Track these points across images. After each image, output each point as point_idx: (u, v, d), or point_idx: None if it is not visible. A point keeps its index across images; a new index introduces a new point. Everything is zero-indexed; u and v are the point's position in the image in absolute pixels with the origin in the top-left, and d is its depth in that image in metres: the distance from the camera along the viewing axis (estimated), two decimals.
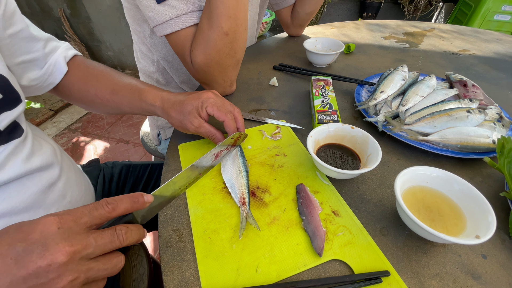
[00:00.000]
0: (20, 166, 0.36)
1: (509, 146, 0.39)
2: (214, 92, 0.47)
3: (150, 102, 0.46)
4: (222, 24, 0.49)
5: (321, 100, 0.54)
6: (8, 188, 0.35)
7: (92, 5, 2.15)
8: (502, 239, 0.36)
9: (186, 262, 0.33)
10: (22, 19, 0.41)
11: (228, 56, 0.53)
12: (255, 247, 0.34)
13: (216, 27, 0.49)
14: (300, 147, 0.49)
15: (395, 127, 0.50)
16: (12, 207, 0.35)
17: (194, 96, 0.45)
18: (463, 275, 0.33)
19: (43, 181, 0.40)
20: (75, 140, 1.84)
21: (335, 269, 0.33)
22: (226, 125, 0.44)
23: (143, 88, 0.47)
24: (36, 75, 0.45)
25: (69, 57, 0.49)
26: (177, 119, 0.45)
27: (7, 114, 0.35)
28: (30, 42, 0.43)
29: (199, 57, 0.52)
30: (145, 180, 0.66)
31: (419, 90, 0.55)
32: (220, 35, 0.50)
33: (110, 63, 2.56)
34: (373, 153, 0.41)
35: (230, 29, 0.50)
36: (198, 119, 0.44)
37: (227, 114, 0.44)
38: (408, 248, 0.35)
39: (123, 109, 0.50)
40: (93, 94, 0.49)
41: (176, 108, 0.44)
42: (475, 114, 0.48)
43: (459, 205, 0.36)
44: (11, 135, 0.36)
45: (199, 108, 0.44)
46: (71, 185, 0.46)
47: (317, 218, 0.37)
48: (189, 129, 0.44)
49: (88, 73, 0.50)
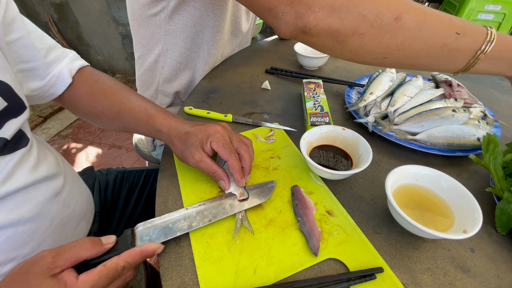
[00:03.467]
0: (27, 176, 0.36)
1: (494, 143, 0.41)
2: (223, 125, 0.44)
3: (157, 128, 0.44)
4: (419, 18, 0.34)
5: (313, 102, 0.55)
6: (15, 197, 0.35)
7: (80, 10, 2.13)
8: (489, 233, 0.38)
9: (185, 267, 0.33)
10: (23, 26, 0.40)
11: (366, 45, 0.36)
12: (253, 249, 0.35)
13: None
14: (293, 149, 0.50)
15: (384, 127, 0.52)
16: (19, 217, 0.35)
17: (201, 128, 0.42)
18: (453, 268, 0.34)
19: (48, 191, 0.39)
20: (66, 147, 1.81)
21: (331, 268, 0.34)
22: (229, 165, 0.41)
23: (152, 113, 0.45)
24: (36, 86, 0.43)
25: (75, 69, 0.47)
26: (179, 149, 0.42)
27: (13, 122, 0.35)
28: (29, 50, 0.41)
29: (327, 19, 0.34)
30: (140, 186, 0.66)
31: (406, 91, 0.57)
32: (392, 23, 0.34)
33: (100, 67, 2.53)
34: (364, 154, 0.42)
35: (414, 23, 0.34)
36: (200, 152, 0.40)
37: (232, 154, 0.40)
38: (400, 244, 0.36)
39: (128, 129, 0.49)
40: (99, 111, 0.48)
41: (180, 138, 0.42)
42: (460, 113, 0.50)
43: (447, 201, 0.37)
44: (18, 145, 0.36)
45: (203, 141, 0.41)
46: (74, 194, 0.45)
47: (312, 218, 0.38)
48: (189, 161, 0.41)
49: (96, 88, 0.48)
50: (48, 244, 0.39)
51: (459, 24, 0.34)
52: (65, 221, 0.42)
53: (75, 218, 0.45)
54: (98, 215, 0.54)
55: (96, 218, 0.54)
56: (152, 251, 0.33)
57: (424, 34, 0.34)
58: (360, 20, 0.33)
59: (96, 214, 0.54)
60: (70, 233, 0.44)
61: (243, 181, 0.41)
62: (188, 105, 0.62)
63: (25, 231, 0.36)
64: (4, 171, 0.33)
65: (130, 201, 0.64)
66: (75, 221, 0.45)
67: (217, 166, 0.41)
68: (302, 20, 0.33)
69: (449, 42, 0.35)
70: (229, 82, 0.71)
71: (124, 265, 0.30)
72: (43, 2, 2.17)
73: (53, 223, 0.40)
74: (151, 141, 0.85)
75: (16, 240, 0.35)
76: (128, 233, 0.34)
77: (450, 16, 0.35)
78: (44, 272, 0.26)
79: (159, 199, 0.42)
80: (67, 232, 0.43)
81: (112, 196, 0.62)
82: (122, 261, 0.30)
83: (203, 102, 0.63)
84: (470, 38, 0.34)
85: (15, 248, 0.35)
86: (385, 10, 0.33)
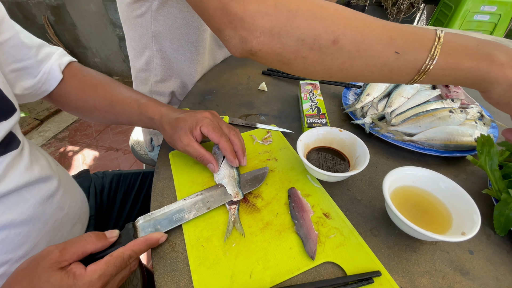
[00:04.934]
0: (19, 178, 0.36)
1: (489, 144, 0.40)
2: (212, 112, 0.46)
3: (150, 116, 0.46)
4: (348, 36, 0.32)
5: (310, 104, 0.55)
6: (7, 200, 0.35)
7: (77, 12, 2.12)
8: (488, 235, 0.38)
9: (180, 272, 0.33)
10: (12, 26, 0.40)
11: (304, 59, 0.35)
12: (249, 253, 0.34)
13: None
14: (290, 151, 0.50)
15: (381, 128, 0.51)
16: (11, 220, 0.35)
17: (190, 114, 0.44)
18: (452, 271, 0.34)
19: (41, 193, 0.40)
20: (62, 150, 1.80)
21: (328, 272, 0.33)
22: (221, 147, 0.43)
23: (143, 102, 0.47)
24: (29, 84, 0.44)
25: (64, 64, 0.48)
26: (168, 134, 0.44)
27: (3, 124, 0.35)
28: (21, 49, 0.41)
29: (266, 26, 0.32)
30: (136, 188, 0.65)
31: (403, 92, 0.57)
32: (327, 41, 0.33)
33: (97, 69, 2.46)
34: (361, 155, 0.42)
35: (352, 45, 0.33)
36: (188, 137, 0.42)
37: (222, 136, 0.42)
38: (398, 247, 0.36)
39: (120, 121, 0.50)
40: (91, 105, 0.48)
41: (171, 123, 0.44)
42: (457, 114, 0.50)
43: (445, 203, 0.37)
44: (8, 147, 0.36)
45: (192, 126, 0.42)
46: (68, 197, 0.45)
47: (309, 221, 0.37)
48: (177, 145, 0.43)
49: (86, 82, 0.49)
50: (42, 246, 0.39)
51: (399, 42, 0.32)
52: (58, 223, 0.42)
53: (69, 220, 0.45)
54: (93, 218, 0.54)
55: (92, 222, 0.53)
56: (156, 239, 0.34)
57: (363, 55, 0.33)
58: (300, 44, 0.33)
59: (91, 217, 0.54)
60: (64, 236, 0.43)
61: (236, 161, 0.43)
62: (184, 106, 0.61)
63: (18, 234, 0.36)
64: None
65: (126, 204, 0.63)
66: (69, 224, 0.45)
67: (204, 150, 0.43)
68: (247, 44, 0.33)
69: (389, 62, 0.33)
70: (226, 84, 0.71)
71: (130, 253, 0.31)
72: (40, 4, 2.16)
73: (47, 225, 0.40)
74: (149, 141, 0.84)
75: (9, 243, 0.35)
76: (129, 227, 0.35)
77: (392, 31, 0.33)
78: (53, 265, 0.27)
79: (154, 202, 0.41)
80: (61, 235, 0.43)
81: (108, 199, 0.61)
82: (128, 250, 0.31)
83: (199, 104, 0.63)
84: (410, 56, 0.32)
85: (8, 251, 0.35)
86: (322, 33, 0.32)
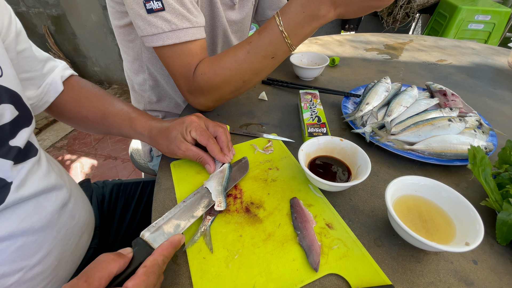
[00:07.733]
0: (38, 184, 0.38)
1: (480, 155, 0.40)
2: (198, 115, 0.49)
3: (139, 131, 0.48)
4: (245, 77, 0.52)
5: (310, 113, 0.55)
6: (26, 206, 0.36)
7: (77, 22, 2.14)
8: (491, 244, 0.38)
9: (182, 286, 0.32)
10: (27, 39, 0.43)
11: (232, 93, 0.56)
12: (251, 265, 0.34)
13: (240, 74, 0.52)
14: (292, 160, 0.50)
15: (382, 137, 0.52)
16: (30, 226, 0.36)
17: (178, 121, 0.46)
18: (456, 282, 0.33)
19: (57, 201, 0.41)
20: (60, 159, 1.79)
21: (332, 284, 0.33)
22: (209, 150, 0.46)
23: (133, 116, 0.49)
24: (33, 94, 0.46)
25: (66, 76, 0.50)
26: (164, 145, 0.46)
27: (26, 131, 0.36)
28: (31, 61, 0.44)
29: (208, 75, 0.52)
30: (137, 198, 0.65)
31: (402, 101, 0.57)
32: (238, 82, 0.53)
33: (97, 78, 2.53)
34: (363, 165, 0.42)
35: (250, 81, 0.54)
36: (185, 143, 0.45)
37: (209, 139, 0.45)
38: (402, 258, 0.36)
39: (112, 132, 0.52)
40: (84, 116, 0.51)
41: (162, 135, 0.46)
42: (456, 123, 0.50)
43: (447, 212, 0.37)
44: (28, 154, 0.37)
45: (183, 132, 0.45)
46: (78, 206, 0.46)
47: (312, 232, 0.37)
48: (176, 153, 0.45)
49: (82, 94, 0.51)
50: (54, 255, 0.40)
51: (269, 52, 0.49)
52: (69, 232, 0.43)
53: (79, 230, 0.46)
54: (98, 230, 0.54)
55: (97, 233, 0.53)
56: (178, 241, 0.32)
57: (260, 73, 0.53)
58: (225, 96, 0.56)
59: (96, 228, 0.54)
60: (73, 246, 0.44)
61: (226, 158, 0.46)
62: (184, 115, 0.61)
63: (34, 241, 0.37)
64: (18, 178, 0.35)
65: (126, 214, 0.63)
66: (78, 233, 0.46)
67: (202, 152, 0.46)
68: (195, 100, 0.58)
69: (275, 62, 0.52)
70: None
71: (163, 259, 0.30)
72: (41, 14, 2.19)
73: (59, 233, 0.41)
74: (148, 151, 0.84)
75: (26, 249, 0.36)
76: (140, 241, 0.33)
77: (261, 50, 0.50)
78: None
79: (155, 214, 0.41)
80: (71, 244, 0.43)
81: (109, 209, 0.61)
82: (160, 255, 0.29)
83: (200, 112, 0.63)
84: (280, 52, 0.50)
85: (24, 258, 0.36)
86: (238, 87, 0.55)
